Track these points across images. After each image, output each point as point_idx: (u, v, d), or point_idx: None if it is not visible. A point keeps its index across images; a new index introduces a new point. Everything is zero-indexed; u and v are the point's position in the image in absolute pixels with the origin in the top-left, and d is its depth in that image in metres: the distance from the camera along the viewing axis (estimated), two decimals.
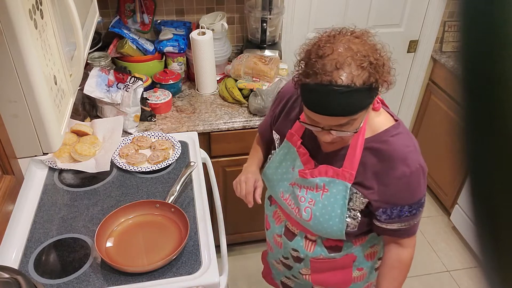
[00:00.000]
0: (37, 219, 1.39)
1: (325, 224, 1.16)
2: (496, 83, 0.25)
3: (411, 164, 1.06)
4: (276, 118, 1.29)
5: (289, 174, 1.23)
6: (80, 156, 1.57)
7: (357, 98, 0.93)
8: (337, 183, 1.12)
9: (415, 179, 1.07)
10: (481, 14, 0.25)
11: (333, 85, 0.91)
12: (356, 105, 0.94)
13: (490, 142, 0.26)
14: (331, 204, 1.14)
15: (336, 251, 1.25)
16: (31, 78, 0.89)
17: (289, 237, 1.31)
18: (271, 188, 1.30)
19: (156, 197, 1.48)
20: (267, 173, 1.30)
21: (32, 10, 0.87)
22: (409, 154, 1.06)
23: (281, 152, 1.25)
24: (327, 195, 1.14)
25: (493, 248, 0.28)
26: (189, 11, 2.26)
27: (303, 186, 1.18)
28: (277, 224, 1.35)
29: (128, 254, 1.27)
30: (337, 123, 0.98)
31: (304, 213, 1.18)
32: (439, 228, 2.71)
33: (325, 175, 1.14)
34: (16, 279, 0.86)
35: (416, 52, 2.72)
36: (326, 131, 1.01)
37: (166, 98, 1.96)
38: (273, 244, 1.41)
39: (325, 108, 0.95)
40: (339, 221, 1.14)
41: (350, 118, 0.96)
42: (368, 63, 0.93)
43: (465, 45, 0.26)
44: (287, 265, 1.39)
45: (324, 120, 0.98)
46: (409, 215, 1.11)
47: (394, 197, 1.09)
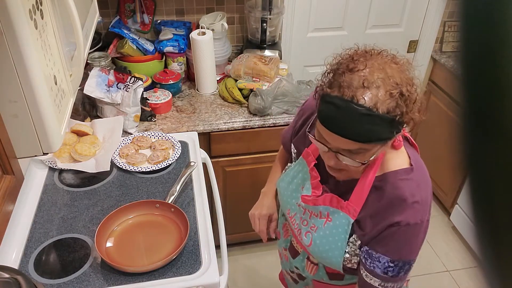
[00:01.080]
0: (37, 219, 1.39)
1: (324, 254, 1.09)
2: (496, 83, 0.25)
3: (410, 216, 0.95)
4: (296, 132, 1.24)
5: (299, 193, 1.17)
6: (80, 156, 1.57)
7: (376, 126, 0.84)
8: (341, 216, 1.05)
9: (411, 233, 0.97)
10: (481, 14, 0.25)
11: (353, 102, 0.84)
12: (372, 134, 0.85)
13: (490, 142, 0.26)
14: (332, 235, 1.06)
15: (338, 279, 1.19)
16: (31, 78, 0.89)
17: (293, 255, 1.27)
18: (281, 202, 1.26)
19: (156, 197, 1.48)
20: (280, 185, 1.25)
21: (32, 10, 0.87)
22: (414, 204, 0.95)
23: (295, 168, 1.19)
24: (329, 224, 1.07)
25: (493, 248, 0.28)
26: (189, 11, 2.26)
27: (307, 210, 1.13)
28: (285, 237, 1.32)
29: (128, 254, 1.27)
30: (346, 147, 0.89)
31: (305, 237, 1.12)
32: (439, 228, 2.71)
33: (330, 204, 1.06)
34: (16, 279, 0.86)
35: (416, 52, 2.72)
36: (332, 153, 0.94)
37: (166, 98, 1.96)
38: (282, 254, 1.39)
39: (338, 126, 0.87)
40: (338, 254, 1.06)
41: (361, 146, 0.88)
42: (399, 93, 0.85)
43: (465, 45, 0.26)
44: (294, 279, 1.37)
45: (333, 140, 0.90)
46: (392, 274, 0.99)
47: (380, 244, 0.99)
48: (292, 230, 1.24)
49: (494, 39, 0.24)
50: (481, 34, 0.25)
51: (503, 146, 0.25)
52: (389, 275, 1.00)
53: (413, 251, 0.99)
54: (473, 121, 0.27)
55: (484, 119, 0.26)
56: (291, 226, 1.23)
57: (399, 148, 1.01)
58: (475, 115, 0.27)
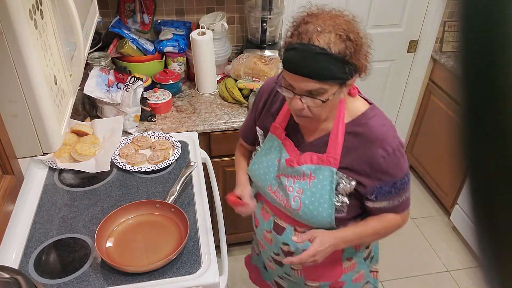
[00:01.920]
0: (37, 219, 1.39)
1: (314, 212, 1.18)
2: (496, 83, 0.25)
3: (391, 142, 1.11)
4: (259, 114, 1.32)
5: (275, 167, 1.25)
6: (80, 156, 1.57)
7: (331, 65, 0.99)
8: (323, 169, 1.16)
9: (398, 156, 1.12)
10: (481, 14, 0.25)
11: (310, 44, 0.99)
12: (328, 72, 1.00)
13: (490, 142, 0.26)
14: (319, 191, 1.17)
15: None
16: (31, 78, 0.89)
17: (279, 232, 1.31)
18: (257, 184, 1.31)
19: (156, 197, 1.48)
20: (252, 169, 1.31)
21: (32, 10, 0.87)
22: (388, 133, 1.12)
23: (265, 147, 1.28)
24: (314, 182, 1.17)
25: (493, 248, 0.28)
26: (189, 11, 2.26)
27: (290, 176, 1.21)
28: (265, 220, 1.36)
29: (128, 254, 1.27)
30: (308, 87, 1.02)
31: (293, 202, 1.20)
32: (439, 228, 2.71)
33: (311, 162, 1.17)
34: (16, 279, 0.86)
35: (416, 52, 2.72)
36: (298, 97, 1.05)
37: (166, 98, 1.96)
38: (263, 241, 1.41)
39: (299, 66, 1.01)
40: (328, 206, 1.16)
41: (321, 85, 1.01)
42: (347, 37, 1.00)
43: (465, 45, 0.26)
44: (279, 262, 1.40)
45: (297, 82, 1.03)
46: (399, 191, 1.16)
47: (383, 175, 1.13)
48: (274, 209, 1.31)
49: (494, 39, 0.24)
50: (481, 34, 0.25)
51: (503, 146, 0.25)
52: (398, 191, 1.16)
53: (405, 164, 1.15)
54: (473, 121, 0.27)
55: (484, 119, 0.26)
56: (274, 202, 1.28)
57: (355, 95, 1.18)
58: (475, 115, 0.27)
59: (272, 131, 1.26)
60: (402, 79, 2.83)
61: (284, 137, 1.23)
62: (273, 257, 1.40)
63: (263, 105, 1.31)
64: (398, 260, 2.50)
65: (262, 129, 1.32)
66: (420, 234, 2.68)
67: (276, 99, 1.28)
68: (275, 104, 1.27)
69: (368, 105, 1.17)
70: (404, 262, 2.49)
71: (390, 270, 2.43)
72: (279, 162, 1.24)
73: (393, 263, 2.47)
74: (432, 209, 2.86)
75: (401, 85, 2.85)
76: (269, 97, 1.30)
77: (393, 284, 2.36)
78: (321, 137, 1.18)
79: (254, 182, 1.35)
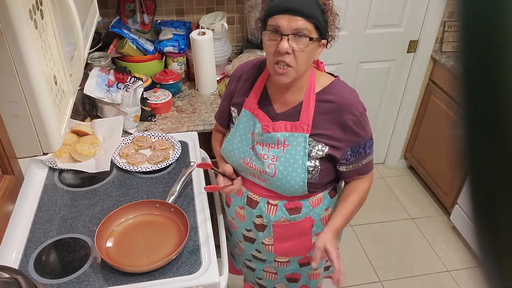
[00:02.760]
0: (37, 219, 1.39)
1: (288, 176, 1.27)
2: (496, 83, 0.25)
3: (359, 107, 1.24)
4: (232, 95, 1.41)
5: (249, 140, 1.34)
6: (80, 156, 1.57)
7: (313, 6, 1.12)
8: (296, 136, 1.25)
9: (364, 119, 1.26)
10: (481, 14, 0.25)
11: None
12: (312, 10, 1.11)
13: (489, 142, 0.26)
14: (293, 156, 1.26)
15: (296, 213, 1.36)
16: (31, 78, 0.89)
17: (252, 206, 1.39)
18: (231, 159, 1.38)
19: (156, 197, 1.48)
20: (226, 145, 1.39)
21: (32, 10, 0.87)
22: (355, 99, 1.25)
23: (239, 122, 1.36)
24: (288, 149, 1.27)
25: (493, 248, 0.28)
26: (189, 11, 2.26)
27: (264, 145, 1.29)
28: (239, 196, 1.43)
29: (128, 254, 1.27)
30: (296, 25, 1.11)
31: (268, 169, 1.28)
32: (439, 228, 2.71)
33: (285, 130, 1.27)
34: (16, 279, 0.86)
35: (416, 52, 2.72)
36: (285, 38, 1.13)
37: (166, 98, 1.96)
38: (235, 218, 1.47)
39: (288, 3, 1.11)
40: (301, 171, 1.26)
41: (306, 24, 1.11)
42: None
43: (465, 45, 0.26)
44: (250, 239, 1.46)
45: (286, 21, 1.12)
46: (366, 151, 1.30)
47: (353, 137, 1.25)
48: (247, 183, 1.39)
49: (494, 39, 0.24)
50: (481, 34, 0.25)
51: (503, 146, 0.25)
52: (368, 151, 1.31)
53: (369, 129, 1.29)
54: (472, 121, 0.27)
55: (484, 119, 0.26)
56: (248, 175, 1.36)
57: (323, 69, 1.33)
58: (475, 115, 0.27)
59: (247, 105, 1.34)
60: (402, 79, 2.83)
61: (257, 108, 1.31)
62: (244, 234, 1.47)
63: (235, 87, 1.40)
64: (398, 260, 2.50)
65: (235, 107, 1.39)
66: (420, 234, 2.68)
67: (247, 80, 1.37)
68: (247, 83, 1.37)
69: (334, 78, 1.30)
70: (404, 262, 2.49)
71: (390, 270, 2.43)
72: (253, 135, 1.32)
73: (393, 263, 2.47)
74: (432, 209, 2.86)
75: (401, 85, 2.85)
76: (240, 79, 1.39)
77: (393, 284, 2.36)
78: (293, 108, 1.27)
79: (228, 160, 1.41)
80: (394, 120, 3.03)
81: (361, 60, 2.67)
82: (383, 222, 2.74)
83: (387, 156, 3.20)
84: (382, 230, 2.69)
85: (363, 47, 2.63)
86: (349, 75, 2.69)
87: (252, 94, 1.34)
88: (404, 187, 3.05)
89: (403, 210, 2.86)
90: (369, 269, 2.44)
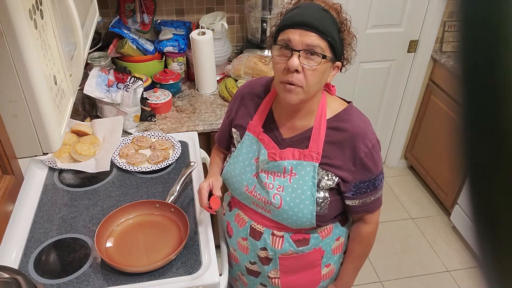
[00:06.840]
0: (37, 219, 1.39)
1: (295, 208, 1.16)
2: (496, 83, 0.25)
3: (372, 138, 1.15)
4: (234, 117, 1.31)
5: (252, 166, 1.23)
6: (80, 156, 1.57)
7: (329, 23, 1.04)
8: (305, 165, 1.15)
9: (377, 150, 1.16)
10: (481, 14, 0.25)
11: (313, 2, 1.08)
12: (327, 26, 1.04)
13: (489, 142, 0.26)
14: (300, 187, 1.16)
15: (304, 245, 1.25)
16: (31, 78, 0.89)
17: (256, 237, 1.27)
18: (233, 186, 1.27)
19: (156, 197, 1.48)
20: (228, 170, 1.28)
21: (32, 10, 0.87)
22: (369, 129, 1.16)
23: (241, 146, 1.25)
24: (295, 178, 1.16)
25: (493, 248, 0.28)
26: (189, 11, 2.26)
27: (270, 173, 1.19)
28: (241, 227, 1.31)
29: (128, 254, 1.27)
30: (309, 40, 1.03)
31: (274, 200, 1.18)
32: (439, 228, 2.71)
33: (292, 157, 1.16)
34: (16, 279, 0.86)
35: (416, 52, 2.72)
36: (295, 55, 1.04)
37: (166, 98, 1.96)
38: (238, 250, 1.35)
39: (303, 17, 1.04)
40: (309, 203, 1.15)
41: (319, 41, 1.03)
42: (339, 10, 1.09)
43: (465, 45, 0.26)
44: (255, 272, 1.35)
45: (298, 36, 1.03)
46: (375, 188, 1.19)
47: (363, 171, 1.15)
48: (251, 212, 1.27)
49: (494, 39, 0.24)
50: (481, 34, 0.25)
51: (503, 146, 0.25)
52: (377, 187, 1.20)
53: (380, 163, 1.20)
54: (472, 121, 0.27)
55: (484, 119, 0.26)
56: (251, 204, 1.25)
57: (334, 93, 1.23)
58: (475, 115, 0.27)
59: (251, 128, 1.24)
60: (402, 79, 2.83)
61: (262, 133, 1.21)
62: (248, 267, 1.35)
63: (238, 107, 1.30)
64: (398, 260, 2.50)
65: (237, 129, 1.29)
66: (420, 234, 2.68)
67: (251, 101, 1.27)
68: (251, 105, 1.27)
69: (347, 104, 1.20)
70: (404, 262, 2.49)
71: (390, 270, 2.43)
72: (257, 161, 1.22)
73: (393, 263, 2.47)
74: (432, 209, 2.86)
75: (401, 85, 2.85)
76: (243, 100, 1.29)
77: (393, 284, 2.36)
78: (301, 133, 1.18)
79: (229, 186, 1.31)
80: (394, 120, 3.03)
81: (361, 60, 2.67)
82: (383, 222, 2.74)
83: (387, 156, 3.21)
84: (382, 230, 2.69)
85: (363, 47, 2.62)
86: (349, 75, 2.69)
87: (256, 116, 1.23)
88: (404, 187, 3.05)
89: (403, 210, 2.86)
90: (369, 269, 2.44)
